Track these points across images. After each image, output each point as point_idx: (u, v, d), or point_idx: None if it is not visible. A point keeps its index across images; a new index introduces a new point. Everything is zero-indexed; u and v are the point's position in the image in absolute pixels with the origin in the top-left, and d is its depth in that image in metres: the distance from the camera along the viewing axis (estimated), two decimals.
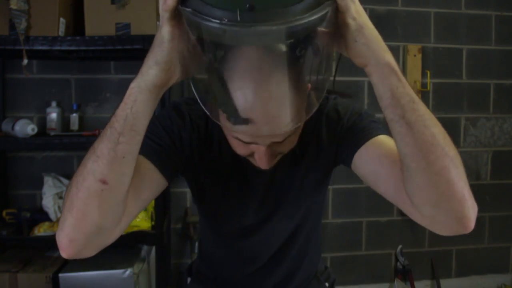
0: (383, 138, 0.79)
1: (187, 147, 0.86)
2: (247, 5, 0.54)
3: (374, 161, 0.78)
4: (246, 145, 0.74)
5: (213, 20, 0.55)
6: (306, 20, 0.55)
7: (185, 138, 0.86)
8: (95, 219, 0.66)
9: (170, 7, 0.61)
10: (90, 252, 0.70)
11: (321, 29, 0.60)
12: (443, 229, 0.71)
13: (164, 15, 0.62)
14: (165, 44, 0.64)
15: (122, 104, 0.66)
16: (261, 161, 0.75)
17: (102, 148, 0.65)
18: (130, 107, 0.65)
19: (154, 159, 0.79)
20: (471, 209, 0.67)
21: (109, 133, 0.66)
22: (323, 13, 0.57)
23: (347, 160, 0.84)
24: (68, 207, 0.66)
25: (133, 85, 0.66)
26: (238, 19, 0.54)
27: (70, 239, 0.66)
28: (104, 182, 0.65)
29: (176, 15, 0.62)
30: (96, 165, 0.65)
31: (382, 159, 0.76)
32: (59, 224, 0.68)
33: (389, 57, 0.64)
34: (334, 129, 0.87)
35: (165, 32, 0.63)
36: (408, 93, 0.64)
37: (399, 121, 0.65)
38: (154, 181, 0.79)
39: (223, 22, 0.55)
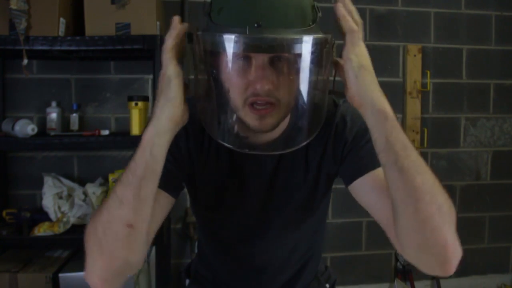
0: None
1: (186, 156, 0.87)
2: (255, 24, 0.69)
3: (372, 193, 0.82)
4: (245, 73, 0.74)
5: (228, 34, 0.69)
6: (297, 38, 0.70)
7: (183, 147, 0.87)
8: (124, 258, 0.72)
9: (170, 46, 0.72)
10: (120, 283, 0.75)
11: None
12: (428, 270, 0.75)
13: (167, 55, 0.73)
14: (172, 81, 0.72)
15: (140, 150, 0.71)
16: (258, 81, 0.73)
17: (127, 195, 0.70)
18: (149, 152, 0.71)
19: (161, 183, 0.80)
20: (454, 255, 0.70)
21: (131, 179, 0.70)
22: (313, 41, 0.71)
23: (346, 182, 0.88)
24: (97, 250, 0.72)
25: (149, 129, 0.72)
26: (247, 32, 0.68)
27: (103, 279, 0.72)
28: (130, 226, 0.70)
29: (177, 53, 0.74)
30: (121, 211, 0.70)
31: (380, 193, 0.79)
32: (88, 265, 0.72)
33: (384, 102, 0.71)
34: (339, 142, 0.88)
35: (170, 71, 0.72)
36: (401, 139, 0.69)
37: (392, 166, 0.69)
38: (165, 204, 0.84)
39: (236, 34, 0.68)
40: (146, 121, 1.85)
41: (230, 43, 0.70)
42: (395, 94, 2.34)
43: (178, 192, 0.86)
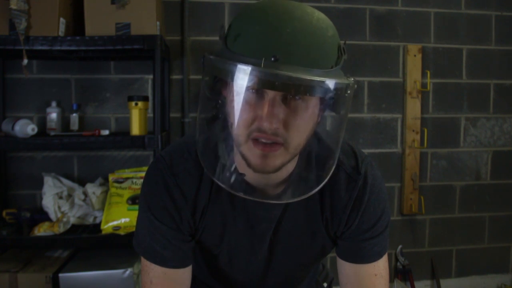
0: (377, 269, 0.86)
1: (188, 214, 0.84)
2: (272, 58, 0.63)
3: (348, 281, 0.87)
4: (253, 107, 0.69)
5: (244, 64, 0.63)
6: (315, 80, 0.63)
7: (182, 208, 0.83)
8: None
9: None
10: None
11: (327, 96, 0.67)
12: None
13: None
14: None
15: None
16: (266, 118, 0.67)
17: None
18: None
19: (177, 264, 0.84)
20: None
21: None
22: (332, 86, 0.65)
23: (336, 251, 0.90)
24: None
25: None
26: (262, 65, 0.62)
27: None
28: None
29: None
30: None
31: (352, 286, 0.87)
32: None
33: None
34: (355, 212, 0.84)
35: None
36: None
37: None
38: (187, 275, 0.86)
39: (248, 66, 0.63)
40: (146, 121, 1.86)
41: (240, 73, 0.63)
42: (395, 94, 2.34)
43: (191, 257, 0.87)
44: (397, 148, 2.37)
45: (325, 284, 1.11)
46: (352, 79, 0.71)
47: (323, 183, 0.75)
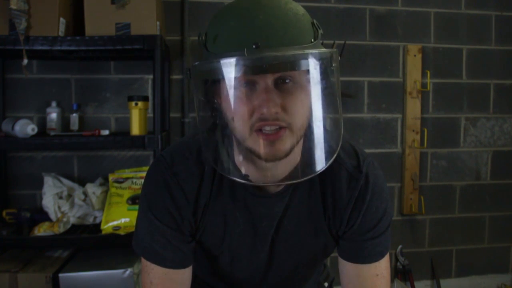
0: (378, 269, 0.86)
1: (189, 214, 0.84)
2: (253, 46, 0.66)
3: (350, 282, 0.87)
4: (248, 99, 0.70)
5: (228, 58, 0.67)
6: (299, 54, 0.68)
7: (183, 207, 0.83)
8: None
9: None
10: None
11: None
12: None
13: None
14: None
15: None
16: (264, 104, 0.69)
17: None
18: None
19: (177, 265, 0.84)
20: None
21: None
22: (316, 56, 0.69)
23: (338, 251, 0.90)
24: None
25: None
26: (245, 54, 0.65)
27: None
28: None
29: None
30: None
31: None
32: None
33: None
34: (357, 212, 0.84)
35: None
36: None
37: None
38: (187, 275, 0.86)
39: (234, 58, 0.66)
40: (146, 121, 1.86)
41: (228, 68, 0.67)
42: (395, 94, 2.34)
43: (192, 257, 0.87)
44: (397, 148, 2.37)
45: (326, 284, 1.11)
46: (335, 49, 0.73)
47: (332, 159, 0.75)
